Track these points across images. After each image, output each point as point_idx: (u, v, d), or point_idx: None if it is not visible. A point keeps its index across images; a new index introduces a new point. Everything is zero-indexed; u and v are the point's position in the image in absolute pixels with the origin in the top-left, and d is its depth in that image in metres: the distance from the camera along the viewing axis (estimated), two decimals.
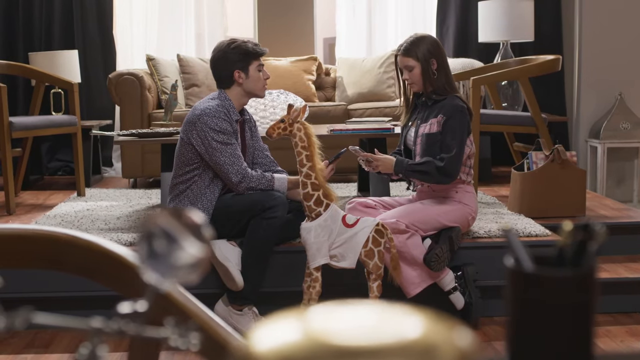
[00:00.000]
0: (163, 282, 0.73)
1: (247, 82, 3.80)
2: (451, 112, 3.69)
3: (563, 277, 0.81)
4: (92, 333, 0.76)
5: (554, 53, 6.12)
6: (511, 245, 0.84)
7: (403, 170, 3.72)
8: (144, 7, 6.99)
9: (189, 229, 0.67)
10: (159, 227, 0.66)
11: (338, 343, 0.47)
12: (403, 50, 3.79)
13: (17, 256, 1.57)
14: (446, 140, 3.68)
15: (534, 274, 0.82)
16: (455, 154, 3.66)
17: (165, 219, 0.66)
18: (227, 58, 3.80)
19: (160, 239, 0.66)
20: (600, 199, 5.33)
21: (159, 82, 6.23)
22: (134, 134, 4.56)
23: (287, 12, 7.04)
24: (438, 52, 3.78)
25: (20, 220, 4.74)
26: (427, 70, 3.75)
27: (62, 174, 6.81)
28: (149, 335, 0.77)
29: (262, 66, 3.86)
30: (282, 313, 0.59)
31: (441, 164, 3.65)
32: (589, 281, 0.82)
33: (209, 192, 3.74)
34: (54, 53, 6.39)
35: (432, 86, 3.78)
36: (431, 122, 3.74)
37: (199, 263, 0.68)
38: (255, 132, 3.98)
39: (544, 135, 5.02)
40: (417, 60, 3.75)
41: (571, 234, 0.84)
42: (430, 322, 0.51)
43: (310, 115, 5.62)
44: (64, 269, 1.58)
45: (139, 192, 5.61)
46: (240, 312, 3.72)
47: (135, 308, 0.75)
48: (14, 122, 5.01)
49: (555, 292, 0.81)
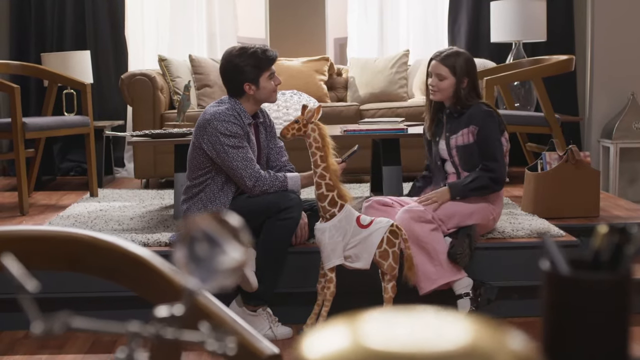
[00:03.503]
0: (202, 286, 0.73)
1: (258, 92, 3.75)
2: (481, 120, 3.75)
3: (600, 280, 0.81)
4: (130, 337, 0.76)
5: (566, 53, 6.10)
6: (547, 249, 0.84)
7: (460, 193, 3.76)
8: (156, 8, 7.00)
9: (231, 233, 0.67)
10: (201, 230, 0.66)
11: (394, 350, 0.46)
12: (443, 57, 3.80)
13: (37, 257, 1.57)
14: (488, 149, 3.74)
15: (570, 277, 0.81)
16: (500, 159, 3.75)
17: (207, 222, 0.66)
18: (237, 70, 3.73)
19: (202, 242, 0.66)
20: (613, 200, 5.31)
21: (171, 83, 6.24)
22: (147, 134, 4.56)
23: (298, 12, 7.04)
24: (472, 71, 3.81)
25: (33, 220, 4.74)
26: (458, 85, 3.78)
27: (74, 174, 6.83)
28: (186, 339, 0.77)
29: (274, 73, 3.78)
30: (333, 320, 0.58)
31: (493, 174, 3.73)
32: (625, 284, 0.82)
33: (223, 195, 3.73)
34: (66, 54, 6.41)
35: (457, 100, 3.80)
36: (462, 133, 3.79)
37: (239, 267, 0.68)
38: (271, 133, 3.95)
39: (557, 135, 5.00)
40: (453, 73, 3.77)
41: (606, 237, 0.83)
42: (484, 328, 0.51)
43: (322, 116, 5.60)
44: (84, 270, 1.58)
45: (151, 193, 5.62)
46: (254, 312, 3.72)
47: (172, 312, 0.75)
48: (27, 123, 5.02)
49: (593, 295, 0.81)
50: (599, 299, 0.81)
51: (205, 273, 0.67)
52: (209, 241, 0.66)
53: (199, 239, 0.66)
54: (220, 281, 0.69)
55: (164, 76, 6.29)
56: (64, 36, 6.77)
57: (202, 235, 0.66)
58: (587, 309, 0.81)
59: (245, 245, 0.68)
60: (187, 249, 0.68)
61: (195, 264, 0.67)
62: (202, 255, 0.66)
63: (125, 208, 4.98)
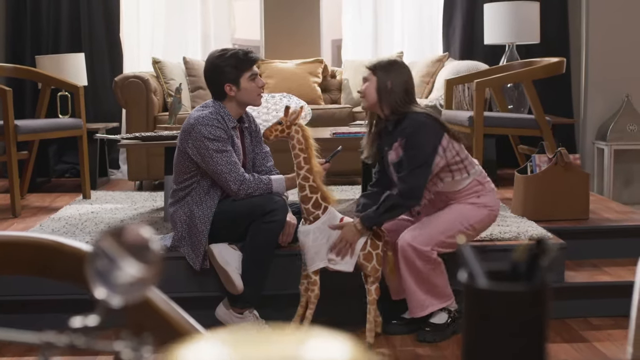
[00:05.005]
0: (112, 298, 0.74)
1: (240, 94, 3.74)
2: (409, 132, 3.46)
3: (515, 291, 0.82)
4: (44, 347, 0.77)
5: (561, 55, 6.10)
6: (465, 260, 0.84)
7: (372, 220, 3.48)
8: (151, 10, 7.02)
9: (131, 249, 0.68)
10: (99, 247, 0.67)
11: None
12: (370, 63, 3.62)
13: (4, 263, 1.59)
14: (407, 158, 3.45)
15: (486, 289, 0.82)
16: (415, 171, 3.43)
17: (106, 239, 0.67)
18: (217, 70, 3.74)
19: (102, 258, 0.67)
20: (605, 202, 5.31)
21: (165, 85, 6.25)
22: (137, 137, 4.57)
23: (293, 14, 7.05)
24: (400, 75, 3.53)
25: (25, 223, 4.76)
26: (382, 87, 3.52)
27: (69, 176, 6.85)
28: (100, 348, 0.78)
29: (256, 75, 3.76)
30: (207, 336, 0.59)
31: (402, 187, 3.44)
32: (541, 296, 0.83)
33: (209, 199, 3.74)
34: (60, 56, 6.43)
35: (387, 108, 3.55)
36: (394, 147, 3.53)
37: (143, 281, 0.69)
38: (257, 138, 3.96)
39: (547, 137, 5.01)
40: (373, 73, 3.55)
41: (525, 249, 0.84)
42: (348, 349, 0.51)
43: (315, 118, 5.64)
44: (51, 275, 1.59)
45: (144, 195, 5.63)
46: (241, 315, 3.73)
47: (86, 322, 0.76)
48: (19, 126, 5.03)
49: (509, 306, 0.82)
50: (515, 310, 0.82)
51: (110, 286, 0.68)
52: (107, 258, 0.67)
53: (101, 256, 0.67)
54: (125, 295, 0.70)
55: (158, 78, 6.30)
56: (59, 38, 6.80)
57: (102, 252, 0.67)
58: (503, 320, 0.82)
59: (151, 260, 0.69)
60: (94, 263, 0.69)
61: (100, 277, 0.68)
62: (102, 271, 0.67)
63: (117, 210, 4.99)
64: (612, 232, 4.52)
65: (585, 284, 4.07)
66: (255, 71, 3.79)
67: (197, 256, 3.76)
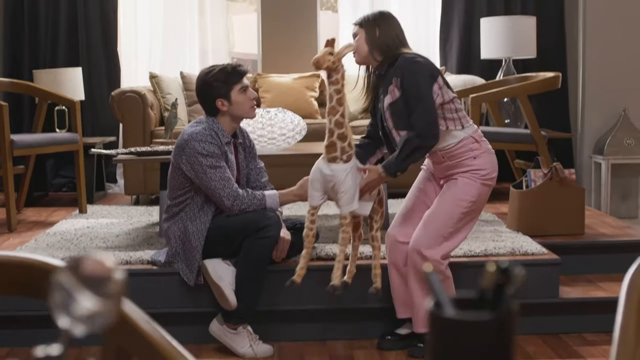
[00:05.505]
0: (74, 327, 0.74)
1: (232, 108, 3.76)
2: (403, 70, 3.41)
3: (479, 320, 0.82)
4: None
5: (557, 69, 6.11)
6: (432, 289, 0.85)
7: (395, 167, 3.44)
8: (149, 24, 7.03)
9: (90, 281, 0.68)
10: (57, 280, 0.67)
11: None
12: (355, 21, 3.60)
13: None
14: (409, 100, 3.40)
15: (450, 318, 0.82)
16: (422, 108, 3.37)
17: (65, 270, 0.67)
18: (208, 87, 3.76)
19: (59, 290, 0.67)
20: (601, 217, 5.31)
21: (162, 100, 6.27)
22: (132, 152, 4.58)
23: (291, 28, 7.06)
24: (386, 22, 3.53)
25: (20, 237, 4.76)
26: (371, 36, 3.50)
27: (66, 190, 6.85)
28: None
29: (246, 87, 3.79)
30: None
31: (417, 128, 3.38)
32: (506, 324, 0.83)
33: (203, 214, 3.74)
34: (58, 70, 6.44)
35: (379, 54, 3.52)
36: (390, 91, 3.46)
37: (102, 314, 0.69)
38: (251, 153, 3.96)
39: (542, 152, 5.01)
40: (360, 25, 3.53)
41: (492, 276, 0.85)
42: None
43: (311, 132, 5.64)
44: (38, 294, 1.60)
45: (140, 209, 5.64)
46: (234, 331, 3.73)
47: (48, 352, 0.76)
48: (15, 140, 5.05)
49: (473, 335, 0.82)
50: (480, 339, 0.82)
51: (70, 317, 0.69)
52: (63, 291, 0.67)
53: (58, 288, 0.67)
54: (89, 325, 0.70)
55: (155, 93, 6.32)
56: (57, 52, 6.81)
57: (59, 285, 0.67)
58: (468, 349, 0.82)
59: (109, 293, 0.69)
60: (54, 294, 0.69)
61: (61, 309, 0.69)
62: (59, 302, 0.67)
63: (113, 225, 4.99)
64: (607, 247, 4.52)
65: (580, 299, 4.06)
66: (245, 83, 3.80)
67: (191, 272, 3.76)
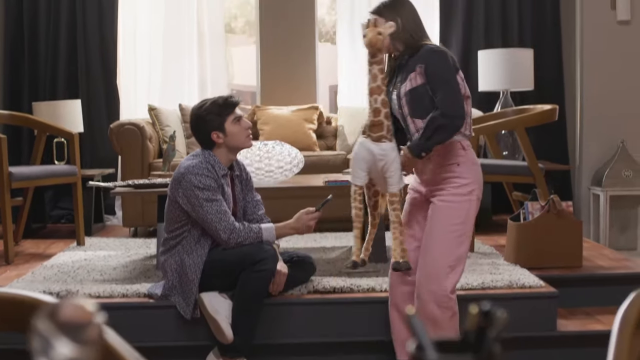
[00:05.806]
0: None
1: (227, 139, 3.77)
2: (427, 57, 3.33)
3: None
4: None
5: (555, 101, 6.14)
6: (415, 330, 0.85)
7: (419, 147, 3.31)
8: (148, 57, 7.07)
9: (67, 327, 0.68)
10: (35, 326, 0.67)
11: None
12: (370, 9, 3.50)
13: None
14: (435, 84, 3.31)
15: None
16: (449, 90, 3.28)
17: (41, 318, 0.67)
18: (201, 121, 3.77)
19: (38, 336, 0.67)
20: (599, 249, 5.30)
21: (161, 132, 6.29)
22: (130, 185, 4.58)
23: (290, 60, 7.10)
24: (404, 11, 3.43)
25: (18, 270, 4.75)
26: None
27: (65, 221, 6.85)
28: None
29: (240, 117, 3.79)
30: None
31: (442, 108, 3.26)
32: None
33: (199, 247, 3.74)
34: (57, 103, 6.47)
35: (400, 44, 3.42)
36: (411, 78, 3.35)
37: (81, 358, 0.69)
38: (248, 186, 3.97)
39: (540, 185, 5.01)
40: (378, 14, 3.41)
41: (474, 319, 0.84)
42: None
43: (309, 165, 5.65)
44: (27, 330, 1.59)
45: (138, 242, 5.63)
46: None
47: None
48: (13, 173, 5.05)
49: None
50: None
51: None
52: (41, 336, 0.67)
53: (36, 333, 0.67)
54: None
55: (154, 125, 6.34)
56: (57, 85, 6.85)
57: (36, 330, 0.67)
58: None
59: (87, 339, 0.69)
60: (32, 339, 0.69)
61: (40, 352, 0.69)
62: (38, 348, 0.67)
63: (110, 258, 4.99)
64: (605, 279, 4.50)
65: (578, 332, 4.04)
66: (239, 114, 3.81)
67: (187, 305, 3.75)
